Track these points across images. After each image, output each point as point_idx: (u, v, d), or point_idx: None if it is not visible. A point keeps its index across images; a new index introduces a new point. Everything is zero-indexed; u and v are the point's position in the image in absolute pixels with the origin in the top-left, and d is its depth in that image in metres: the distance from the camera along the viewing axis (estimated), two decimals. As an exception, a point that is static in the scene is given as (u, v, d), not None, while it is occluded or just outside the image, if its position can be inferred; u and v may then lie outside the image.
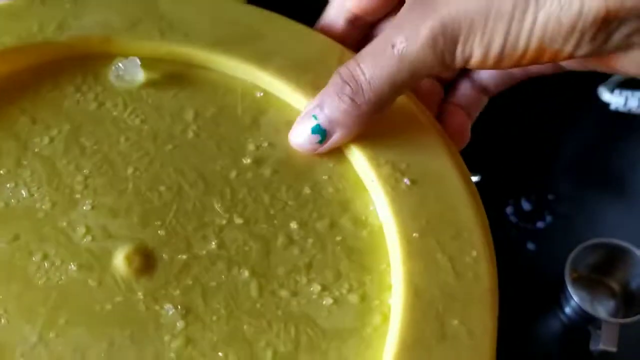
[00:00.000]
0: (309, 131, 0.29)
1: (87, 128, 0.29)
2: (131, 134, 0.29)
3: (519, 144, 0.54)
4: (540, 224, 0.53)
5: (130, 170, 0.29)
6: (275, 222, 0.28)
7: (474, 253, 0.27)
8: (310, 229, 0.28)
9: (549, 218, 0.53)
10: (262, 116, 0.31)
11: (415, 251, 0.27)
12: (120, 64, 0.30)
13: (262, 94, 0.31)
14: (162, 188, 0.28)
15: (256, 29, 0.32)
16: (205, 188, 0.29)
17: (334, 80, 0.28)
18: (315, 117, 0.29)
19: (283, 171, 0.30)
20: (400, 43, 0.26)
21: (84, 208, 0.27)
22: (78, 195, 0.28)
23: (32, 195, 0.28)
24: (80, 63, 0.31)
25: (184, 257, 0.27)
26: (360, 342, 0.26)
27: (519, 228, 0.52)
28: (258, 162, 0.30)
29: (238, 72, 0.31)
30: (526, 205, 0.53)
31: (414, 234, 0.28)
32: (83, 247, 0.27)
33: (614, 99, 0.56)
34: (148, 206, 0.28)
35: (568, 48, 0.24)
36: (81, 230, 0.27)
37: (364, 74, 0.27)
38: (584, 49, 0.24)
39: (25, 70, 0.30)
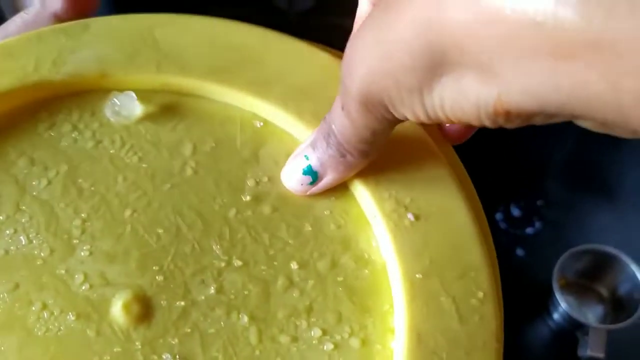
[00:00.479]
0: (301, 172, 0.28)
1: (85, 168, 0.29)
2: (129, 172, 0.29)
3: (509, 150, 0.53)
4: (529, 230, 0.53)
5: (128, 213, 0.28)
6: (275, 263, 0.28)
7: (480, 294, 0.27)
8: (310, 270, 0.28)
9: (538, 224, 0.53)
10: (262, 148, 0.30)
11: (418, 293, 0.27)
12: (116, 99, 0.30)
13: (262, 124, 0.31)
14: (160, 230, 0.28)
15: (255, 53, 0.31)
16: (203, 228, 0.28)
17: (323, 123, 0.27)
18: (307, 157, 0.28)
19: (283, 208, 0.29)
20: (344, 106, 0.25)
21: (82, 254, 0.27)
22: (76, 241, 0.28)
23: (31, 241, 0.27)
24: (77, 99, 0.30)
25: (182, 303, 0.27)
26: None
27: (509, 234, 0.52)
28: (257, 199, 0.29)
29: (237, 101, 0.31)
30: (515, 212, 0.53)
31: (417, 275, 0.27)
32: (81, 295, 0.27)
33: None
34: (146, 250, 0.28)
35: (488, 125, 0.22)
36: (79, 277, 0.27)
37: (334, 128, 0.26)
38: (508, 125, 0.22)
39: (22, 110, 0.30)
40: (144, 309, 0.26)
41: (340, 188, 0.29)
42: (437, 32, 0.20)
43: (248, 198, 0.29)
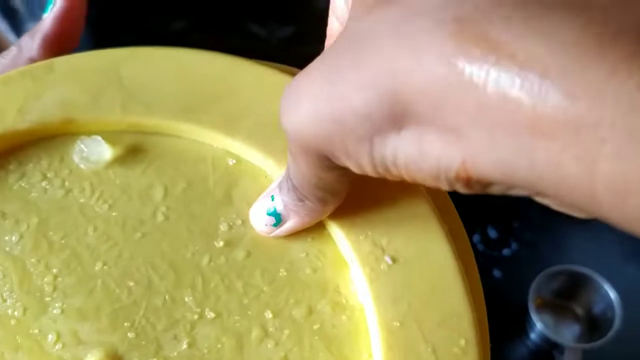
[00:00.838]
0: (265, 212, 0.27)
1: (55, 219, 0.29)
2: (99, 222, 0.28)
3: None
4: (506, 251, 0.54)
5: (98, 266, 0.28)
6: (249, 312, 0.27)
7: (462, 342, 0.25)
8: (286, 318, 0.27)
9: (514, 245, 0.54)
10: (235, 187, 0.29)
11: (396, 342, 0.25)
12: (82, 145, 0.29)
13: (234, 162, 0.29)
14: (131, 283, 0.27)
15: (224, 86, 0.30)
16: (176, 279, 0.27)
17: (286, 167, 0.26)
18: (272, 198, 0.27)
19: (257, 252, 0.28)
20: (289, 149, 0.24)
21: (54, 312, 0.27)
22: (48, 298, 0.27)
23: (5, 300, 0.27)
24: (45, 145, 0.30)
25: (155, 361, 0.26)
26: None
27: (486, 255, 0.53)
28: (231, 244, 0.28)
29: (208, 138, 0.30)
30: (492, 233, 0.53)
31: (395, 323, 0.26)
32: (55, 355, 0.26)
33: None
34: (117, 305, 0.27)
35: (443, 187, 0.21)
36: (52, 337, 0.27)
37: (289, 172, 0.25)
38: (463, 191, 0.20)
39: (-9, 161, 0.29)
40: (116, 369, 0.26)
41: (317, 227, 0.28)
42: (404, 83, 0.19)
43: (221, 244, 0.28)
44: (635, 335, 0.53)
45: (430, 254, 0.27)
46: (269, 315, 0.27)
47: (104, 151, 0.29)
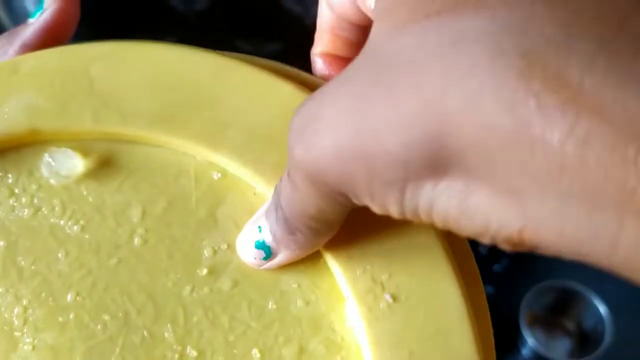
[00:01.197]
0: (254, 244, 0.24)
1: (24, 243, 0.26)
2: (71, 246, 0.26)
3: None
4: (497, 267, 0.53)
5: (71, 296, 0.25)
6: (235, 351, 0.25)
7: None
8: (274, 358, 0.24)
9: (505, 261, 0.53)
10: (221, 206, 0.26)
11: None
12: (50, 159, 0.26)
13: (219, 175, 0.26)
14: (106, 317, 0.25)
15: (207, 89, 0.26)
16: (155, 312, 0.25)
17: (275, 190, 0.23)
18: (260, 229, 0.24)
19: (244, 282, 0.25)
20: (290, 174, 0.20)
21: (25, 348, 0.25)
22: (18, 333, 0.25)
23: (-28, 334, 0.25)
24: (13, 157, 0.27)
25: (132, 407, 0.24)
26: None
27: None
28: (215, 272, 0.25)
29: (189, 149, 0.26)
30: (483, 249, 0.52)
31: None
32: (26, 397, 0.24)
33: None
34: (92, 342, 0.25)
35: (486, 242, 0.17)
36: (23, 377, 0.25)
37: (281, 199, 0.22)
38: (507, 249, 0.17)
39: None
40: (91, 415, 0.24)
41: (311, 255, 0.25)
42: (453, 129, 0.15)
43: (205, 272, 0.25)
44: (626, 349, 0.54)
45: (435, 292, 0.24)
46: (256, 354, 0.24)
47: (75, 164, 0.26)
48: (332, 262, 0.24)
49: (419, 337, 0.23)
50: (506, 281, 0.53)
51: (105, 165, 0.27)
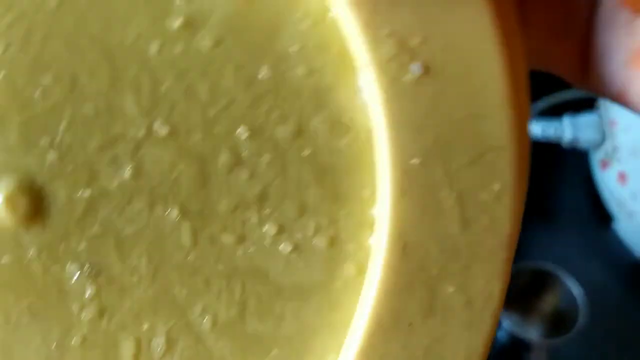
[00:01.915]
0: None
1: None
2: (-4, -18, 0.19)
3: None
4: None
5: (0, 48, 0.19)
6: (216, 129, 0.19)
7: (497, 186, 0.18)
8: (266, 140, 0.19)
9: None
10: None
11: (412, 186, 0.18)
12: None
13: None
14: (47, 80, 0.19)
15: None
16: (111, 76, 0.19)
17: None
18: None
19: (230, 39, 0.19)
20: None
21: (-57, 115, 0.19)
22: None
23: None
24: None
25: (87, 193, 0.19)
26: (325, 302, 0.20)
27: None
28: (192, 24, 0.19)
29: None
30: None
31: (414, 160, 0.18)
32: (-50, 179, 0.19)
33: (533, 128, 0.56)
34: (30, 112, 0.19)
35: None
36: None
37: None
38: None
39: None
40: (36, 203, 0.19)
41: (319, 9, 0.19)
42: None
43: (177, 23, 0.19)
44: (600, 329, 0.55)
45: (476, 68, 0.18)
46: (243, 133, 0.19)
47: None
48: (350, 17, 0.18)
49: (447, 121, 0.18)
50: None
51: None
